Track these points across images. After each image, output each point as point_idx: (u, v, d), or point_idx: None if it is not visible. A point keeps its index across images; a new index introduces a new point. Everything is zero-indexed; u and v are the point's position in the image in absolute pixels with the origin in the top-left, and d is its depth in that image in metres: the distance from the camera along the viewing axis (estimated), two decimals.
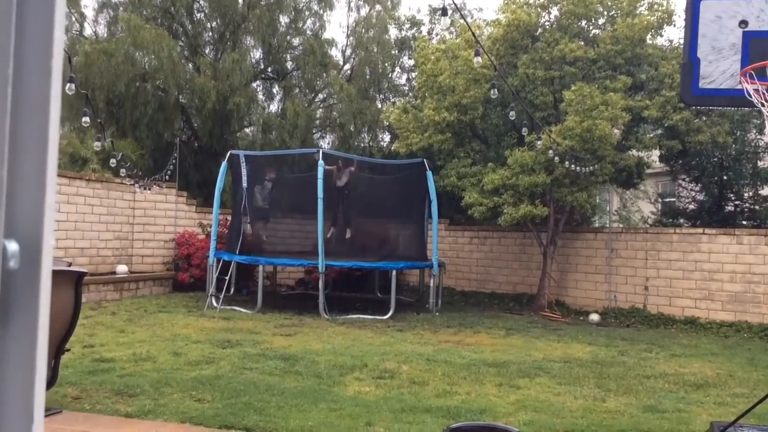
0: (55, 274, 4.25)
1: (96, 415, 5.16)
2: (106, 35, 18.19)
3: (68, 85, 6.44)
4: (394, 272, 11.98)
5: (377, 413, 5.39)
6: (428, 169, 12.65)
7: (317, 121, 19.83)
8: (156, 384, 6.08)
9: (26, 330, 0.51)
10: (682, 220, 15.25)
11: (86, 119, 9.65)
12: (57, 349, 4.10)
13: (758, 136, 13.96)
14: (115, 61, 16.26)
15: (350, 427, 5.00)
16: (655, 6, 12.58)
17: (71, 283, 4.15)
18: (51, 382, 4.12)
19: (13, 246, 0.52)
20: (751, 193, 14.60)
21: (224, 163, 12.91)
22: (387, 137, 19.19)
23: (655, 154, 14.04)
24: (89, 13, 19.01)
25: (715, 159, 14.26)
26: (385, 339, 9.31)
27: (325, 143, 19.67)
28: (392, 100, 19.11)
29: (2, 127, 0.50)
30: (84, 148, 15.39)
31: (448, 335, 9.92)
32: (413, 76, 17.82)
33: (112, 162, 10.34)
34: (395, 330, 10.21)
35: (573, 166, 11.29)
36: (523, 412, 5.64)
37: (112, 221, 13.88)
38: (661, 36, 12.99)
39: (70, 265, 5.58)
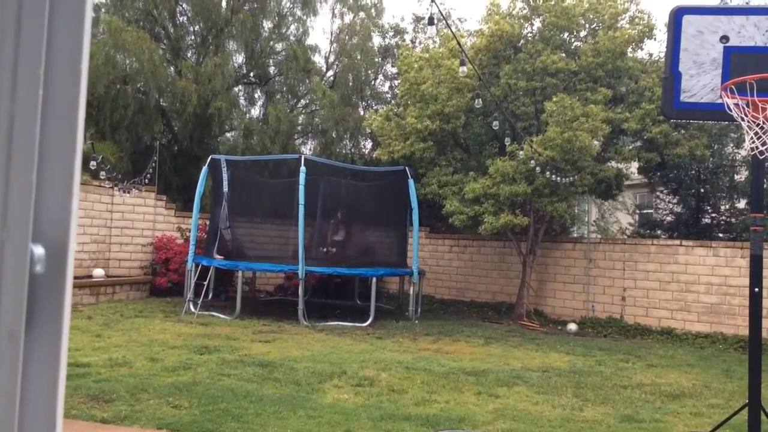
0: None
1: (71, 420, 5.09)
2: None
3: None
4: (374, 279, 11.98)
5: (356, 421, 5.38)
6: (410, 176, 12.69)
7: (299, 127, 19.79)
8: (132, 390, 6.02)
9: (51, 335, 0.50)
10: (659, 232, 15.43)
11: None
12: None
13: (735, 150, 14.18)
14: (95, 62, 16.09)
15: None
16: (636, 20, 12.75)
17: None
18: None
19: (39, 250, 0.51)
20: (727, 206, 14.82)
21: (205, 168, 12.84)
22: (369, 144, 19.22)
23: (634, 165, 14.21)
24: None
25: (693, 172, 14.47)
26: (364, 346, 9.29)
27: (307, 149, 19.63)
28: (375, 107, 19.15)
29: (33, 129, 0.49)
30: None
31: (428, 343, 9.92)
32: (396, 84, 17.87)
33: (92, 164, 10.24)
34: (374, 337, 10.20)
35: (553, 176, 11.39)
36: (501, 421, 5.65)
37: (89, 224, 13.72)
38: (642, 49, 13.17)
39: None
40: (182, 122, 17.75)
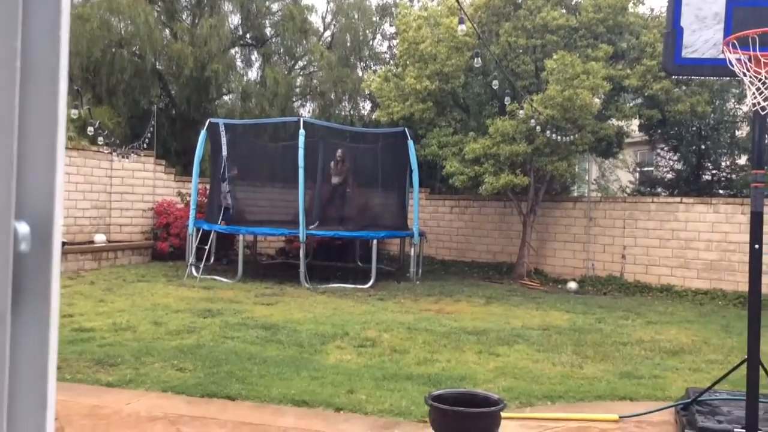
0: None
1: (77, 384, 5.15)
2: (81, 0, 17.76)
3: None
4: (374, 241, 12.00)
5: (359, 381, 5.44)
6: (409, 138, 12.61)
7: (297, 89, 19.63)
8: (137, 353, 6.08)
9: (39, 315, 0.50)
10: (659, 189, 15.41)
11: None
12: None
13: (737, 106, 14.08)
14: (90, 26, 15.89)
15: (332, 394, 5.04)
16: None
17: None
18: None
19: (23, 228, 0.50)
20: (728, 163, 14.77)
21: (203, 132, 12.76)
22: (368, 106, 19.07)
23: (635, 123, 14.12)
24: None
25: (694, 128, 14.38)
26: (366, 308, 9.36)
27: (306, 111, 19.51)
28: (373, 68, 18.94)
29: (11, 101, 0.48)
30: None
31: (429, 304, 9.99)
32: (394, 44, 17.64)
33: (90, 130, 10.17)
34: (376, 299, 10.26)
35: (554, 135, 11.33)
36: (502, 379, 5.72)
37: (89, 190, 13.71)
38: (643, 4, 13.03)
39: None
40: (179, 86, 17.59)
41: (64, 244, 4.36)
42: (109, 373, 5.49)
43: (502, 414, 3.95)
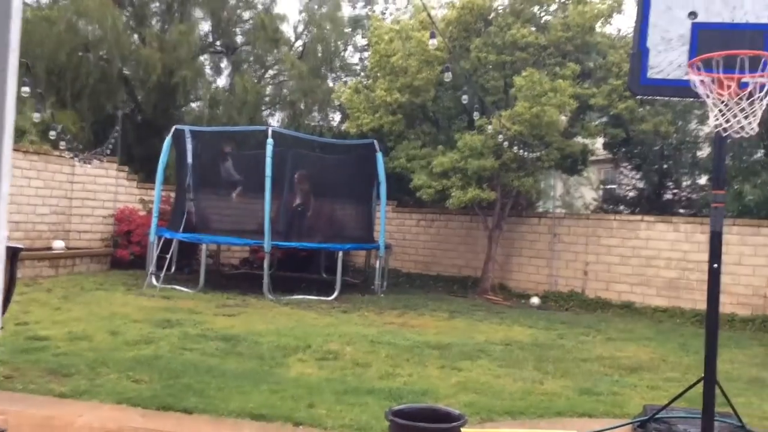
0: None
1: (29, 395, 5.00)
2: (48, 2, 17.45)
3: (23, 88, 6.16)
4: (340, 253, 11.94)
5: (319, 395, 5.37)
6: (378, 150, 12.61)
7: (267, 98, 19.52)
8: (92, 364, 5.92)
9: None
10: (622, 207, 15.64)
11: (26, 89, 9.27)
12: None
13: (699, 127, 14.38)
14: (56, 29, 15.61)
15: (292, 408, 4.96)
16: None
17: (6, 259, 3.96)
18: None
19: None
20: (689, 182, 15.06)
21: (168, 138, 12.57)
22: (338, 117, 19.04)
23: (600, 141, 14.33)
24: None
25: (657, 148, 14.65)
26: (329, 320, 9.28)
27: (275, 121, 19.40)
28: (344, 79, 18.94)
29: None
30: (22, 119, 14.78)
31: (393, 317, 9.95)
32: (366, 56, 17.68)
33: (52, 134, 9.97)
34: (340, 311, 10.19)
35: (521, 151, 11.43)
36: (464, 394, 5.70)
37: (49, 195, 13.41)
38: (611, 24, 13.19)
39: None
40: (146, 91, 17.36)
41: (20, 250, 4.21)
42: (63, 383, 5.33)
43: (463, 430, 3.92)
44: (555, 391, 6.02)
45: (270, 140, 11.52)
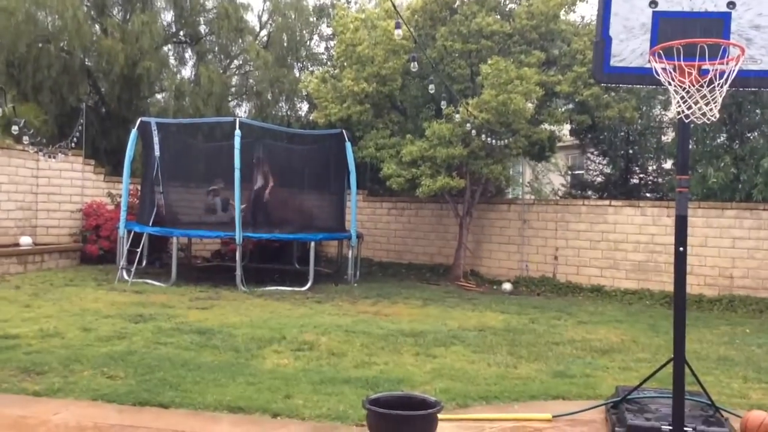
0: None
1: (1, 394, 4.94)
2: None
3: None
4: (312, 244, 11.94)
5: (296, 386, 5.40)
6: (347, 139, 12.61)
7: (233, 89, 19.35)
8: (65, 361, 5.87)
9: None
10: (590, 192, 15.87)
11: None
12: None
13: (663, 112, 14.63)
14: (15, 20, 15.25)
15: (269, 400, 4.98)
16: None
17: None
18: None
19: None
20: (654, 167, 15.34)
21: (134, 131, 12.40)
22: (305, 107, 18.96)
23: (566, 128, 14.51)
24: None
25: (622, 133, 14.88)
26: (303, 311, 9.30)
27: (242, 111, 19.25)
28: (311, 68, 18.84)
29: None
30: None
31: (367, 306, 10.00)
32: (332, 45, 17.61)
33: (14, 129, 9.75)
34: (314, 301, 10.21)
35: (488, 139, 11.52)
36: (439, 381, 5.77)
37: (14, 190, 13.15)
38: (574, 12, 13.38)
39: None
40: (109, 83, 17.08)
41: None
42: (36, 381, 5.28)
43: (439, 416, 3.99)
44: (529, 375, 6.13)
45: (237, 131, 11.45)
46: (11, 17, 15.24)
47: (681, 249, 4.42)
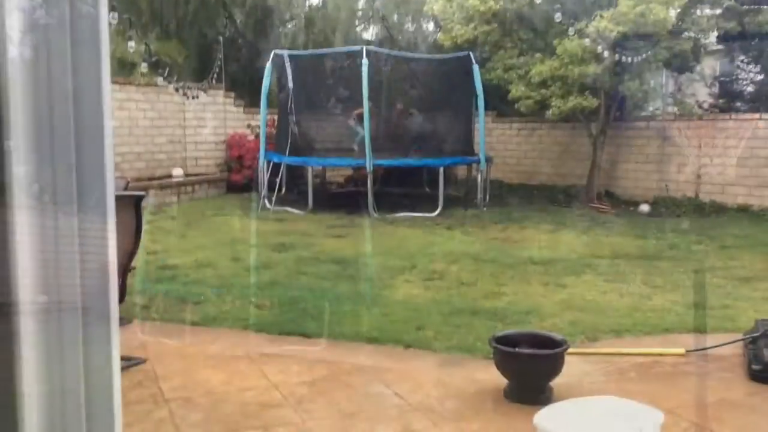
0: (117, 199, 4.47)
1: (164, 323, 5.54)
2: None
3: (110, 14, 6.39)
4: (441, 169, 12.03)
5: (427, 317, 5.63)
6: (474, 62, 12.38)
7: (359, 13, 19.36)
8: (218, 291, 6.43)
9: None
10: (739, 104, 14.69)
11: (114, 15, 9.35)
12: (124, 269, 4.39)
13: None
14: None
15: (401, 331, 5.26)
16: None
17: (131, 206, 4.37)
18: (121, 299, 4.44)
19: None
20: None
21: (269, 64, 12.83)
22: (431, 27, 18.66)
23: (713, 35, 13.39)
24: None
25: None
26: (433, 238, 9.51)
27: (369, 36, 19.26)
28: None
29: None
30: (123, 50, 15.39)
31: (496, 232, 10.06)
32: None
33: (161, 72, 10.34)
34: (444, 228, 10.39)
35: (624, 57, 10.91)
36: (568, 312, 5.80)
37: (164, 125, 14.15)
38: None
39: (128, 184, 5.83)
40: (244, 15, 17.64)
41: (142, 197, 4.59)
42: (194, 311, 5.85)
43: (568, 351, 4.07)
44: (663, 306, 6.02)
45: (365, 60, 11.56)
46: None
47: None
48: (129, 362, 4.38)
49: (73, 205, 0.64)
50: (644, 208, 12.30)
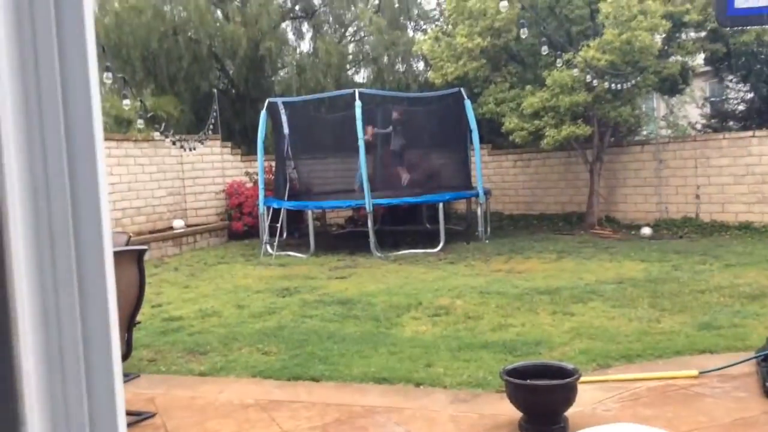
0: (118, 254, 4.47)
1: (172, 376, 5.49)
2: None
3: (105, 74, 6.53)
4: (441, 204, 12.07)
5: (435, 353, 5.59)
6: (465, 97, 12.53)
7: (350, 57, 19.66)
8: (224, 340, 6.39)
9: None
10: (731, 123, 14.83)
11: (108, 74, 9.50)
12: (129, 323, 4.37)
13: None
14: (145, 17, 16.31)
15: (410, 369, 5.21)
16: None
17: (134, 261, 4.38)
18: (127, 354, 4.42)
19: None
20: None
21: (263, 112, 13.01)
22: (422, 66, 18.92)
23: (700, 57, 13.58)
24: None
25: (762, 56, 13.70)
26: (437, 273, 9.49)
27: (360, 78, 19.53)
28: (424, 27, 18.74)
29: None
30: (119, 108, 15.60)
31: (500, 263, 10.05)
32: (443, 1, 17.37)
33: (157, 126, 10.46)
34: (447, 263, 10.38)
35: (613, 84, 11.05)
36: (578, 341, 5.76)
37: (163, 178, 14.24)
38: None
39: (129, 239, 5.83)
40: (236, 66, 17.93)
41: (145, 251, 4.60)
42: (201, 362, 5.81)
43: (580, 380, 4.03)
44: (672, 329, 5.98)
45: (358, 102, 11.70)
46: (141, 15, 16.29)
47: None
48: (138, 417, 4.34)
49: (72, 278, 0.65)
50: (646, 231, 12.31)
